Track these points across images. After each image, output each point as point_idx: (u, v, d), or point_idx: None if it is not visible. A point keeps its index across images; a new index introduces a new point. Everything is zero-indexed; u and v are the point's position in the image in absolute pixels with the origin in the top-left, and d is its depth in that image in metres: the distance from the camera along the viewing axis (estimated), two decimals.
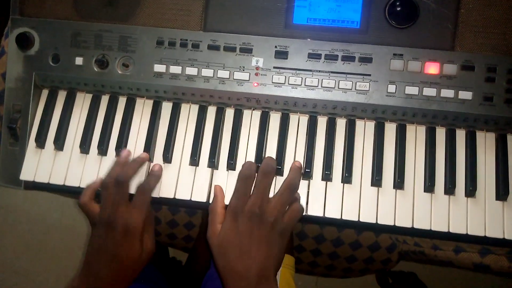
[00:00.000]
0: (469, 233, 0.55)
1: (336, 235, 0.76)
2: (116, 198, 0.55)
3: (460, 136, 0.59)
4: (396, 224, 0.56)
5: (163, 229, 0.80)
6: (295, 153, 0.60)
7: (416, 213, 0.56)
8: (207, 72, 0.60)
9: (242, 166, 0.55)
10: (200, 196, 0.60)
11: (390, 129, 0.60)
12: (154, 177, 0.59)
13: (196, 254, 0.84)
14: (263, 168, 0.54)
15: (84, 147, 0.62)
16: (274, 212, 0.52)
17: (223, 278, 0.52)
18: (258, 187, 0.53)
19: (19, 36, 0.62)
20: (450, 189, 0.57)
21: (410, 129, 0.59)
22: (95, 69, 0.62)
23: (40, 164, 0.63)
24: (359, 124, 0.60)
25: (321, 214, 0.57)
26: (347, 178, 0.58)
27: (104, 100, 0.64)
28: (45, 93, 0.65)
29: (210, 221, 0.55)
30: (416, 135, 0.59)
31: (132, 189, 0.57)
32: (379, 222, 0.57)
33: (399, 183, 0.57)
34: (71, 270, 1.34)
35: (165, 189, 0.60)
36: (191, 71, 0.60)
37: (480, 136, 0.59)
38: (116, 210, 0.54)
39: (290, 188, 0.54)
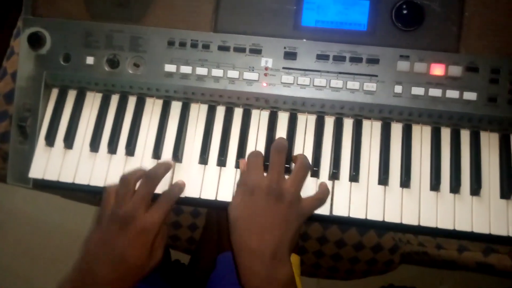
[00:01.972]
0: (474, 230, 0.56)
1: (339, 236, 0.76)
2: (140, 196, 0.53)
3: (465, 136, 0.60)
4: (403, 222, 0.57)
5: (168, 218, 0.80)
6: (302, 151, 0.61)
7: (422, 211, 0.57)
8: (217, 72, 0.61)
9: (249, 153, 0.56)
10: (209, 194, 0.60)
11: (396, 129, 0.61)
12: (178, 187, 0.58)
13: (199, 256, 0.84)
14: (275, 146, 0.55)
15: (94, 145, 0.63)
16: (291, 190, 0.52)
17: (237, 254, 0.51)
18: (273, 164, 0.53)
19: (31, 36, 0.63)
20: (455, 187, 0.58)
21: (416, 129, 0.61)
22: (106, 69, 0.63)
23: (50, 162, 0.63)
24: (366, 124, 0.61)
25: (328, 213, 0.58)
26: (354, 176, 0.59)
27: (114, 99, 0.65)
28: (55, 92, 0.66)
29: (234, 195, 0.55)
30: (421, 135, 0.60)
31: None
32: (386, 220, 0.57)
33: (405, 182, 0.58)
34: None
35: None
36: (201, 71, 0.61)
37: (484, 136, 0.60)
38: (137, 207, 0.52)
39: (303, 166, 0.54)
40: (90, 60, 0.63)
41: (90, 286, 0.50)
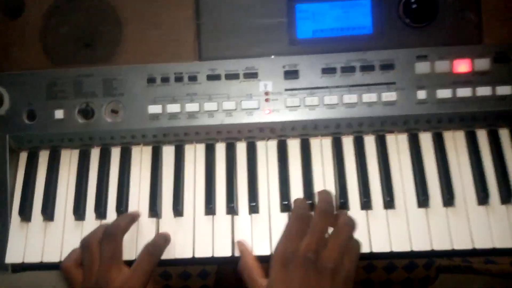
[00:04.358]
0: None
1: (367, 261, 0.70)
2: (106, 257, 0.49)
3: (505, 136, 0.55)
4: (455, 248, 0.51)
5: (174, 283, 0.73)
6: (324, 182, 0.55)
7: (473, 230, 0.51)
8: (210, 106, 0.57)
9: (294, 202, 0.50)
10: (223, 249, 0.54)
11: (426, 140, 0.56)
12: (163, 237, 0.53)
13: None
14: (321, 207, 0.48)
15: (79, 213, 0.57)
16: (332, 257, 0.45)
17: None
18: (315, 228, 0.46)
19: None
20: (507, 198, 0.52)
21: (448, 137, 0.55)
22: (79, 121, 0.58)
23: (29, 241, 0.57)
24: (390, 138, 0.56)
25: (369, 250, 0.52)
26: (389, 203, 0.53)
27: (95, 154, 0.60)
28: (23, 156, 0.60)
29: (248, 279, 0.49)
30: (455, 142, 0.55)
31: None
32: (434, 248, 0.51)
33: (449, 200, 0.52)
34: None
35: (180, 248, 0.54)
36: (191, 107, 0.57)
37: None
38: (107, 272, 0.48)
39: (346, 224, 0.47)
40: (59, 113, 0.58)
41: None
